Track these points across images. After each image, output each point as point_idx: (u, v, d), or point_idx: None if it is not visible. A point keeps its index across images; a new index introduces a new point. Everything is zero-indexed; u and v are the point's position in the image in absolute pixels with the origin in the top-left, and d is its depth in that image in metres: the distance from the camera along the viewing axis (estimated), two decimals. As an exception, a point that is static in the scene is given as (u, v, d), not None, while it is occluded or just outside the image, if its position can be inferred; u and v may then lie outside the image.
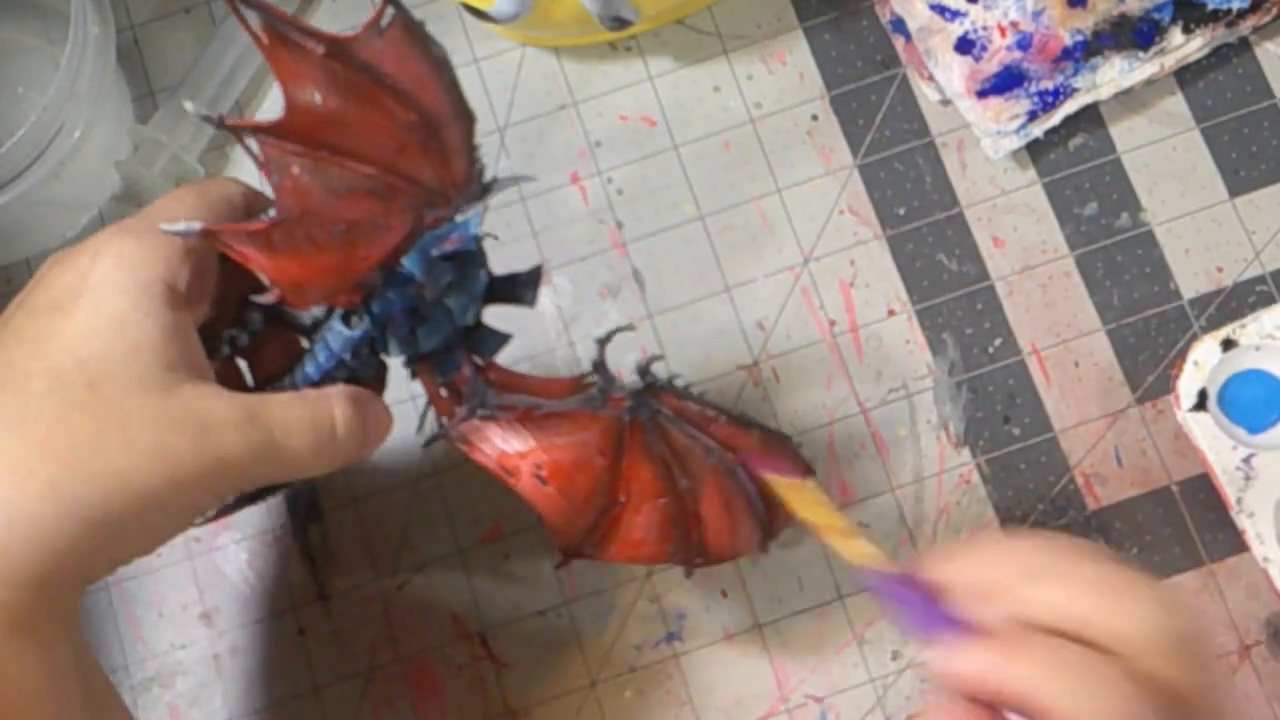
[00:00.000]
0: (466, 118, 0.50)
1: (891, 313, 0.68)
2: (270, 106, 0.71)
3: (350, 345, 0.54)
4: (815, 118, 0.70)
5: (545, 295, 0.68)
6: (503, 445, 0.55)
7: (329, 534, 0.66)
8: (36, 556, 0.45)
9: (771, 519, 0.59)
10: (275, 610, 0.65)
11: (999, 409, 0.67)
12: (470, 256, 0.55)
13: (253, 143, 0.48)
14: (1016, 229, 0.69)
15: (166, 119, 0.68)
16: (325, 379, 0.55)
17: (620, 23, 0.64)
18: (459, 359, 0.56)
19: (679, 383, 0.56)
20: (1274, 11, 0.68)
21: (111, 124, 0.67)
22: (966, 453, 0.66)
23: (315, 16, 0.71)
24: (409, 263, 0.53)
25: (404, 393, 0.65)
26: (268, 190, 0.50)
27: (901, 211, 0.69)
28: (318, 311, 0.55)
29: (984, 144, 0.68)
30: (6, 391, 0.47)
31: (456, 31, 0.71)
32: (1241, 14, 0.68)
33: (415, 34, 0.49)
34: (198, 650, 0.65)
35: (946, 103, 0.69)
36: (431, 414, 0.57)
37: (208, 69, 0.69)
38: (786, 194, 0.69)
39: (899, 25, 0.69)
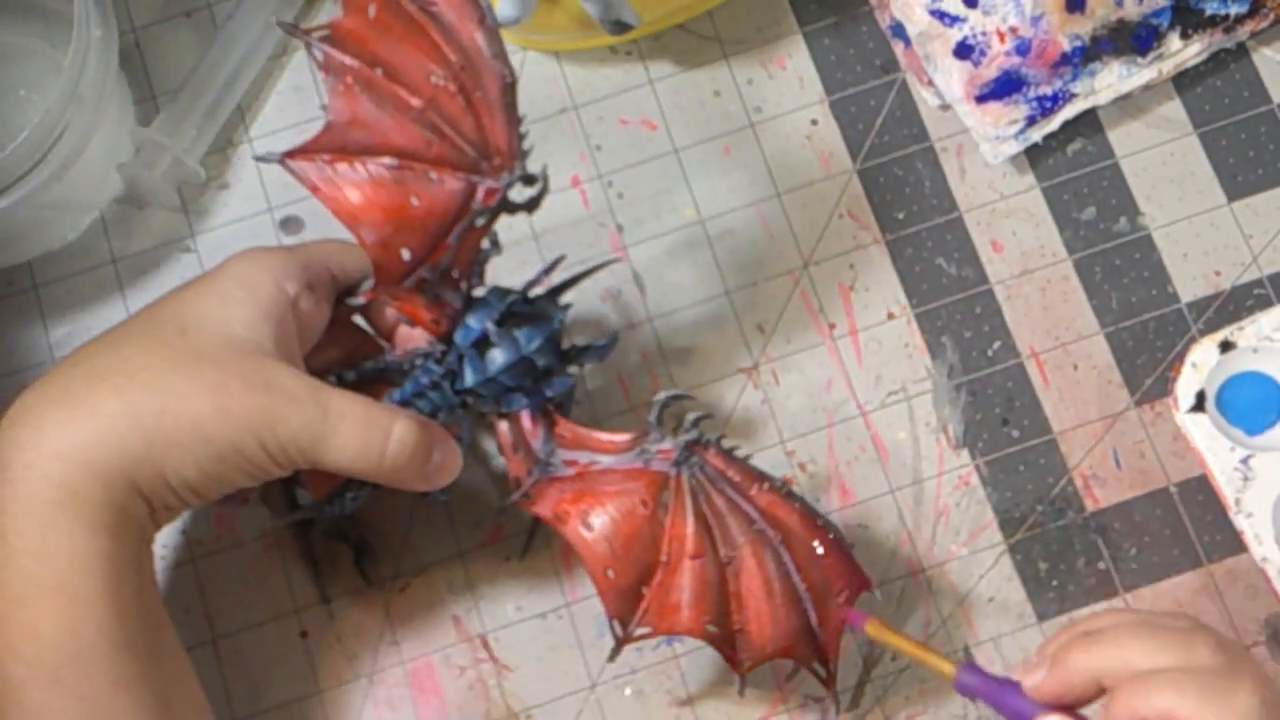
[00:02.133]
0: (506, 70, 0.53)
1: (891, 316, 0.68)
2: (269, 111, 0.71)
3: (433, 376, 0.59)
4: (815, 122, 0.70)
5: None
6: (558, 497, 0.59)
7: (331, 537, 0.66)
8: (90, 442, 0.52)
9: (822, 621, 0.59)
10: (277, 613, 0.65)
11: (998, 411, 0.67)
12: (548, 305, 0.61)
13: (317, 48, 0.54)
14: (1015, 233, 0.69)
15: (168, 122, 0.68)
16: (408, 409, 0.58)
17: (621, 27, 0.65)
18: (526, 402, 0.60)
19: (726, 444, 0.59)
20: (1271, 17, 0.69)
21: (113, 127, 0.67)
22: (965, 455, 0.67)
23: (317, 19, 0.71)
24: (491, 295, 0.60)
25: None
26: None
27: (901, 216, 0.69)
28: (415, 363, 0.60)
29: (983, 149, 0.69)
30: (116, 331, 0.57)
31: (458, 36, 0.71)
32: (1239, 19, 0.68)
33: None
34: (201, 653, 0.65)
35: (946, 108, 0.70)
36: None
37: (209, 72, 0.69)
38: (786, 198, 0.70)
39: (898, 30, 0.70)
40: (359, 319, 0.62)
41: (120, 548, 0.53)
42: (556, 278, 0.61)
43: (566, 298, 0.62)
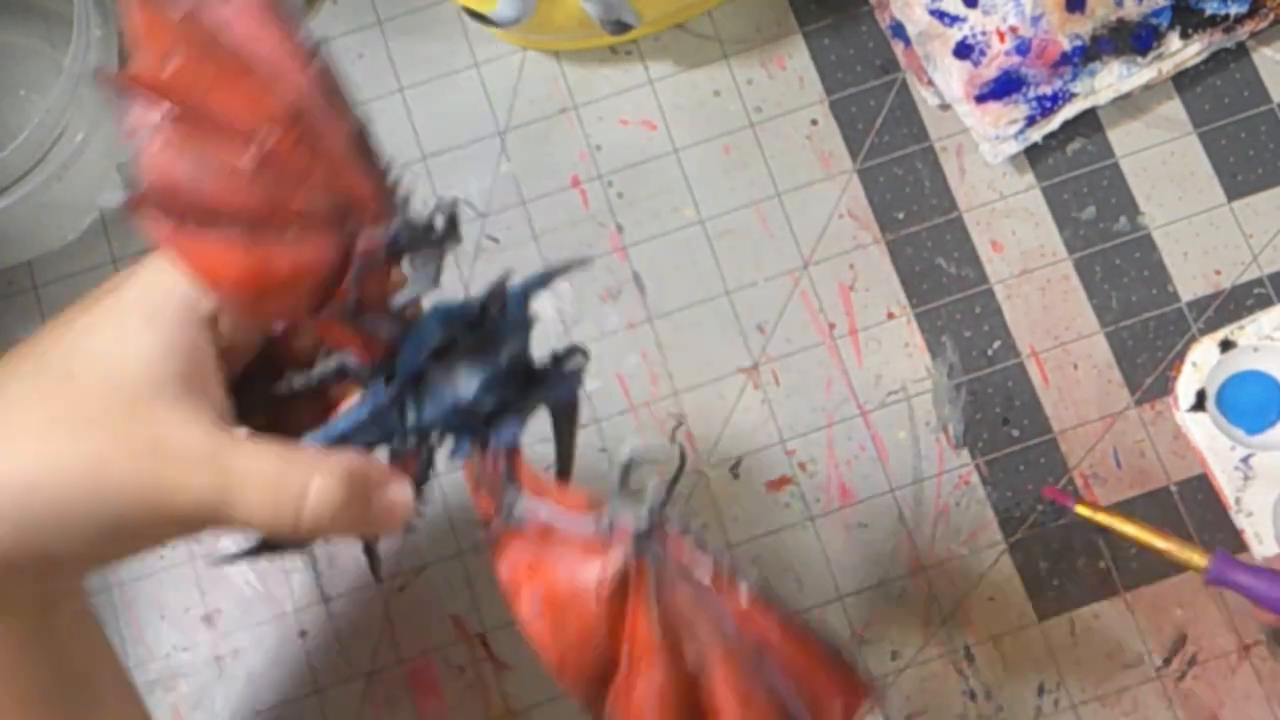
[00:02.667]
0: (349, 118, 0.46)
1: (891, 316, 0.68)
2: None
3: (371, 408, 0.49)
4: (815, 122, 0.70)
5: (546, 298, 0.68)
6: (516, 561, 0.49)
7: (330, 536, 0.66)
8: None
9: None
10: (277, 612, 0.65)
11: (998, 411, 0.67)
12: (505, 324, 0.50)
13: (116, 103, 0.45)
14: (1015, 233, 0.69)
15: (169, 122, 0.68)
16: (352, 442, 0.49)
17: (621, 27, 0.65)
18: (477, 444, 0.50)
19: (694, 524, 0.51)
20: (1271, 17, 0.69)
21: (113, 127, 0.67)
22: (965, 454, 0.67)
23: (317, 19, 0.71)
24: (430, 319, 0.49)
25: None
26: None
27: (901, 215, 0.69)
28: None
29: (983, 149, 0.69)
30: (6, 366, 0.47)
31: (457, 35, 0.71)
32: (1239, 19, 0.68)
33: (270, 5, 0.45)
34: (200, 652, 0.65)
35: (945, 107, 0.70)
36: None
37: (210, 73, 0.69)
38: (786, 198, 0.70)
39: (898, 30, 0.70)
40: None
41: (4, 629, 0.46)
42: (519, 281, 0.50)
43: (536, 305, 0.51)
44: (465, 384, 0.49)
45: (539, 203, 0.69)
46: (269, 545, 0.52)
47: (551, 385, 0.51)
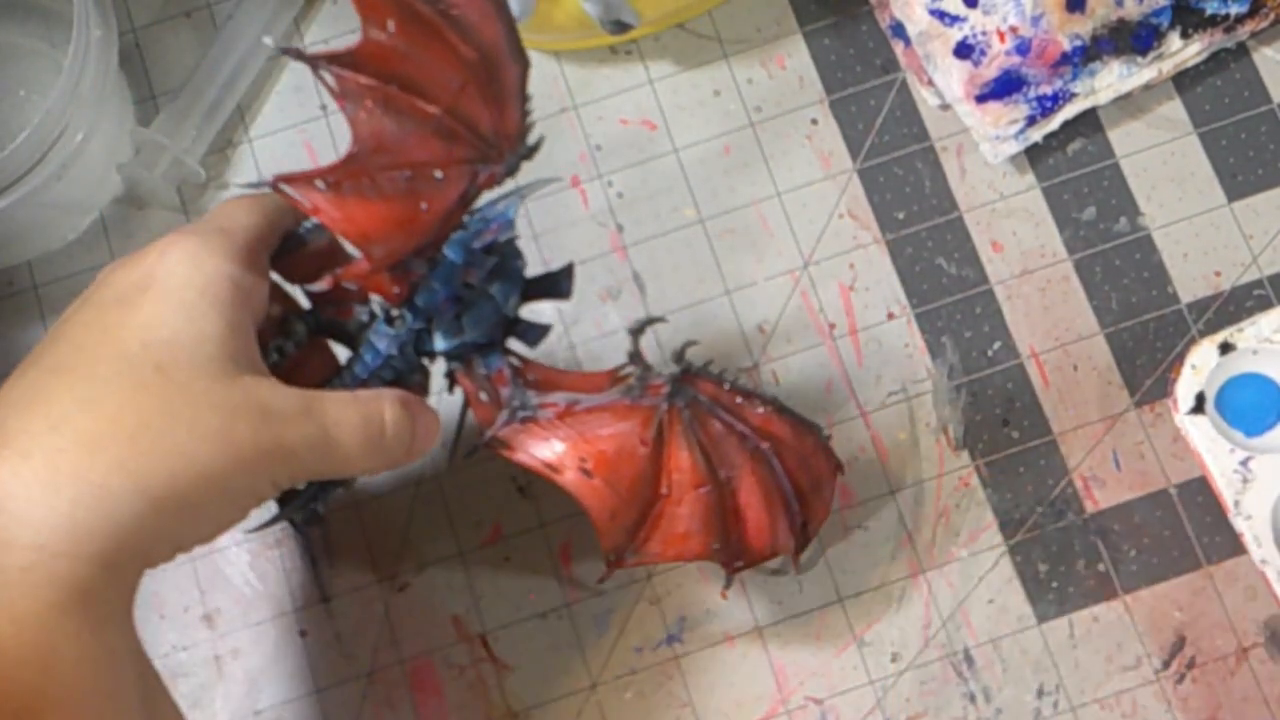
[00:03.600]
0: (522, 59, 0.51)
1: (891, 316, 0.68)
2: (269, 111, 0.71)
3: (397, 343, 0.55)
4: (815, 122, 0.70)
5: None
6: (545, 444, 0.56)
7: (330, 536, 0.66)
8: (102, 530, 0.45)
9: (808, 519, 0.60)
10: (277, 612, 0.65)
11: (998, 412, 0.67)
12: (509, 247, 0.56)
13: (328, 74, 0.50)
14: (1015, 233, 0.69)
15: (168, 122, 0.68)
16: (373, 380, 0.55)
17: (621, 27, 0.65)
18: (500, 354, 0.57)
19: (713, 369, 0.58)
20: (1271, 17, 0.68)
21: (113, 127, 0.67)
22: (965, 456, 0.67)
23: (317, 19, 0.71)
24: (450, 252, 0.54)
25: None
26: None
27: (901, 216, 0.69)
28: (362, 317, 0.56)
29: (983, 149, 0.69)
30: (76, 374, 0.47)
31: (457, 35, 0.71)
32: (1239, 19, 0.68)
33: None
34: (199, 652, 0.65)
35: (946, 107, 0.70)
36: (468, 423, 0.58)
37: (209, 72, 0.69)
38: (786, 198, 0.70)
39: (898, 30, 0.70)
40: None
41: (130, 640, 0.47)
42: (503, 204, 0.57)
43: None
44: (503, 299, 0.56)
45: (539, 202, 0.69)
46: (300, 502, 0.57)
47: (550, 289, 0.59)
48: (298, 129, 0.70)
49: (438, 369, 0.58)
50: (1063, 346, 0.68)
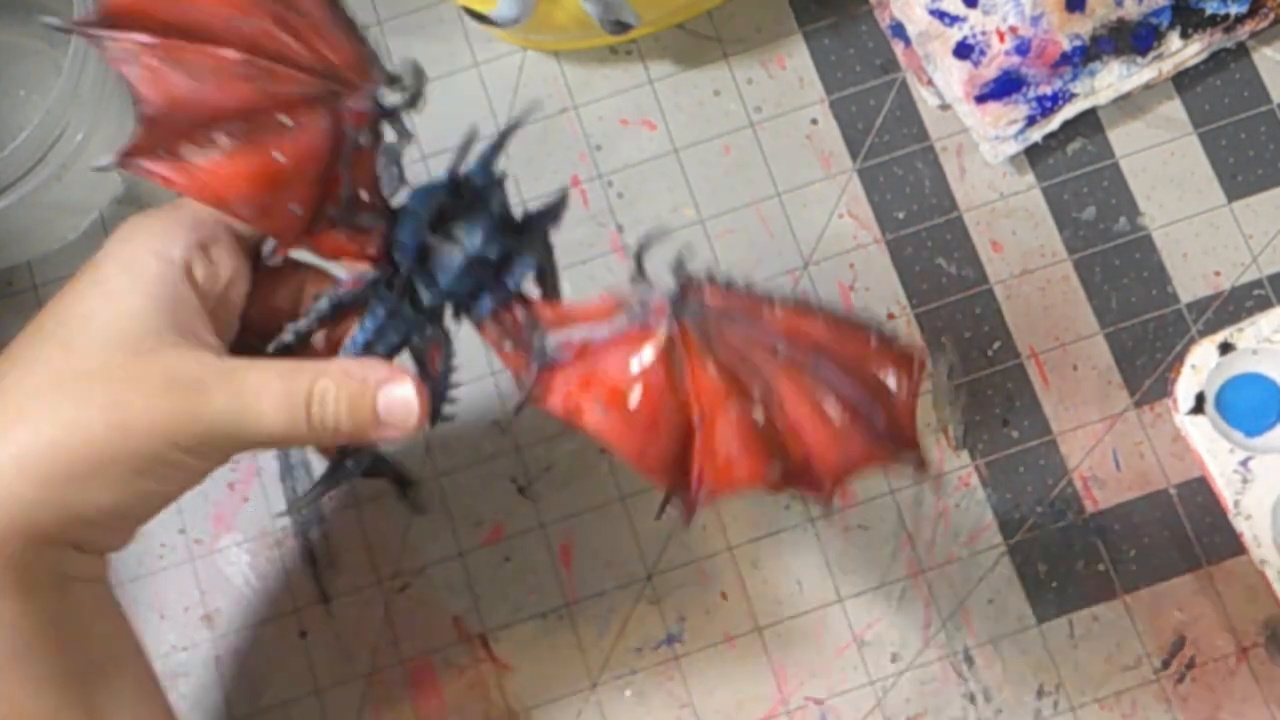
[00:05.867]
0: None
1: (891, 316, 0.68)
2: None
3: (386, 304, 0.53)
4: (815, 122, 0.70)
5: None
6: (564, 387, 0.52)
7: (330, 536, 0.66)
8: None
9: (890, 419, 0.51)
10: (277, 612, 0.66)
11: (998, 412, 0.67)
12: (487, 190, 0.53)
13: (101, 38, 0.47)
14: (1015, 233, 0.69)
15: (168, 122, 0.68)
16: (380, 344, 0.53)
17: (621, 27, 0.65)
18: (497, 298, 0.53)
19: (720, 275, 0.52)
20: (1271, 17, 0.68)
21: (113, 127, 0.67)
22: (965, 455, 0.67)
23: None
24: (412, 200, 0.52)
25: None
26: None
27: (901, 215, 0.69)
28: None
29: (983, 149, 0.69)
30: (6, 354, 0.49)
31: (457, 35, 0.71)
32: (1239, 19, 0.68)
33: None
34: (199, 652, 0.65)
35: (945, 107, 0.70)
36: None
37: (209, 72, 0.69)
38: (786, 198, 0.70)
39: (898, 30, 0.70)
40: (305, 254, 0.54)
41: (26, 607, 0.47)
42: (480, 147, 0.54)
43: (501, 166, 0.54)
44: (469, 240, 0.52)
45: (539, 203, 0.69)
46: (333, 475, 0.55)
47: (538, 222, 0.55)
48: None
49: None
50: (1062, 346, 0.68)
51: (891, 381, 0.51)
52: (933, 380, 0.67)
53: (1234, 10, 0.68)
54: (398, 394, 0.51)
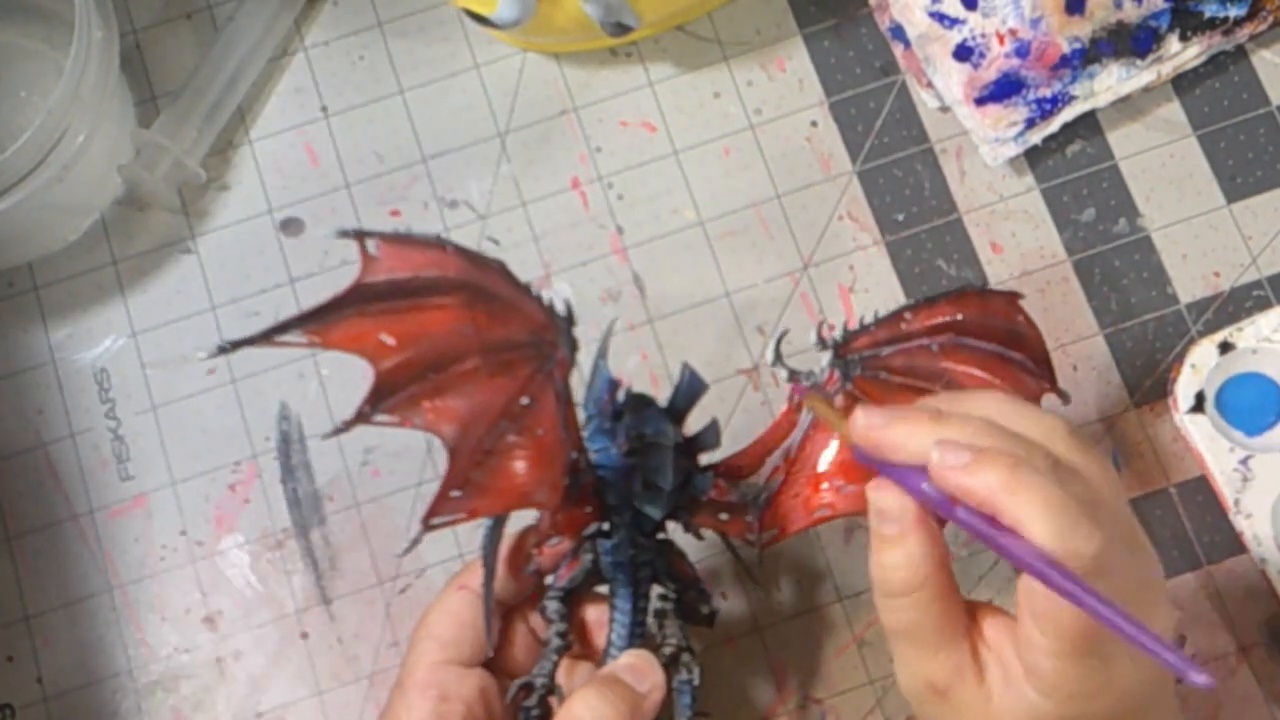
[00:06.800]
0: (494, 263, 0.51)
1: (891, 317, 0.68)
2: (269, 113, 0.71)
3: (624, 547, 0.56)
4: (815, 124, 0.71)
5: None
6: (795, 504, 0.57)
7: (331, 538, 0.66)
8: None
9: (1030, 353, 0.59)
10: (278, 614, 0.65)
11: (998, 413, 0.67)
12: (630, 398, 0.56)
13: (383, 417, 0.50)
14: (1015, 235, 0.69)
15: (169, 123, 0.68)
16: (639, 599, 0.57)
17: (621, 29, 0.65)
18: (705, 476, 0.57)
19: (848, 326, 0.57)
20: (1270, 20, 0.69)
21: (114, 128, 0.67)
22: (966, 456, 0.67)
23: (317, 21, 0.71)
24: (594, 444, 0.56)
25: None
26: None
27: (900, 217, 0.69)
28: (587, 561, 0.57)
29: (982, 151, 0.69)
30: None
31: (458, 37, 0.71)
32: (1238, 22, 0.68)
33: (397, 237, 0.49)
34: (201, 654, 0.65)
35: (945, 109, 0.70)
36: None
37: (210, 74, 0.69)
38: (786, 199, 0.70)
39: (898, 32, 0.70)
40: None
41: None
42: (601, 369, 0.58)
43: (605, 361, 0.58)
44: (658, 431, 0.55)
45: (539, 204, 0.70)
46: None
47: (686, 399, 0.58)
48: (298, 130, 0.70)
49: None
50: (1062, 347, 0.68)
51: (1018, 321, 0.58)
52: (933, 381, 0.68)
53: (1233, 13, 0.68)
54: (654, 679, 0.55)
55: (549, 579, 0.58)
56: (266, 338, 0.47)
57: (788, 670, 0.65)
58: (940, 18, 0.68)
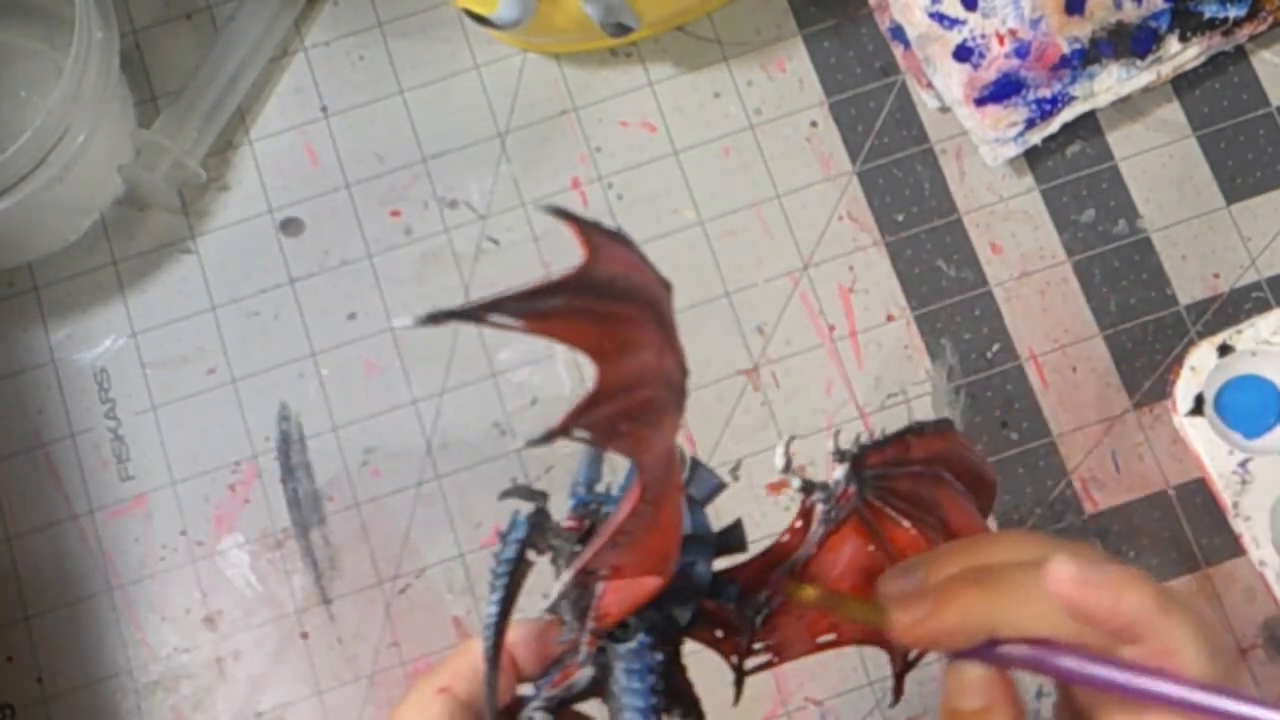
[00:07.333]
0: (668, 284, 0.47)
1: (890, 318, 0.68)
2: (269, 113, 0.71)
3: (641, 675, 0.48)
4: (815, 124, 0.71)
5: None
6: (798, 622, 0.52)
7: (331, 537, 0.66)
8: None
9: (979, 493, 0.55)
10: (278, 614, 0.66)
11: (997, 414, 0.67)
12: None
13: (581, 433, 0.45)
14: (1015, 235, 0.69)
15: (169, 123, 0.68)
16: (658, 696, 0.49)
17: (621, 29, 0.65)
18: (734, 588, 0.51)
19: (860, 439, 0.52)
20: (1270, 20, 0.69)
21: (114, 128, 0.67)
22: (965, 457, 0.67)
23: (317, 21, 0.71)
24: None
25: (404, 396, 0.66)
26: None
27: (900, 218, 0.69)
28: (583, 679, 0.49)
29: (982, 151, 0.69)
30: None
31: (458, 37, 0.71)
32: (1238, 22, 0.68)
33: (608, 231, 0.45)
34: (201, 654, 0.65)
35: (945, 110, 0.70)
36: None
37: (210, 74, 0.69)
38: (786, 200, 0.70)
39: (898, 33, 0.70)
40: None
41: None
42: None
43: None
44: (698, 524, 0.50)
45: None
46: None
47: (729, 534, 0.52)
48: (298, 130, 0.70)
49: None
50: (1062, 348, 0.68)
51: (986, 468, 0.54)
52: (932, 383, 0.68)
53: (1232, 14, 0.68)
54: None
55: (525, 688, 0.50)
56: (477, 313, 0.42)
57: (788, 670, 0.65)
58: (940, 18, 0.68)
